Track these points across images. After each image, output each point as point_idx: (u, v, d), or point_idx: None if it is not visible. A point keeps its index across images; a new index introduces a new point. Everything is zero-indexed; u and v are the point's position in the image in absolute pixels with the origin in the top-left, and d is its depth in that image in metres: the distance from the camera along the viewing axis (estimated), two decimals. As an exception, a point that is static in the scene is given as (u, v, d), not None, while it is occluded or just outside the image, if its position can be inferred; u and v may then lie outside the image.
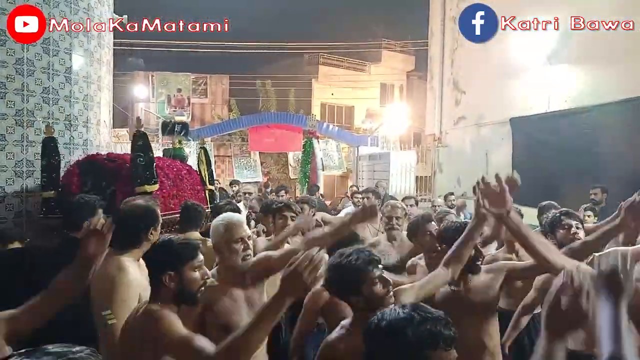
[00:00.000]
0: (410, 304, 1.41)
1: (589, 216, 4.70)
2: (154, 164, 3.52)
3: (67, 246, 2.42)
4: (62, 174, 3.71)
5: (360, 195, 7.08)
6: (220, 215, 2.54)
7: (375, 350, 1.36)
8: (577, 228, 2.71)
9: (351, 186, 10.61)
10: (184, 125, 4.25)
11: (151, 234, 2.43)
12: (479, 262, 2.40)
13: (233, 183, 8.91)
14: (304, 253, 1.56)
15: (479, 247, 2.40)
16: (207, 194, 4.49)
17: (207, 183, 4.52)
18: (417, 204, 6.06)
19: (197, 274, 1.89)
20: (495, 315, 2.45)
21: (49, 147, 3.59)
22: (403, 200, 5.74)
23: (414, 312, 1.33)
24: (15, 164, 3.72)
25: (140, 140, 3.47)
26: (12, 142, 3.70)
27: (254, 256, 2.48)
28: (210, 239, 2.55)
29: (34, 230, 3.53)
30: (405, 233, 3.84)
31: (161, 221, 2.54)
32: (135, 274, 2.28)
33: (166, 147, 4.42)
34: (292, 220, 3.32)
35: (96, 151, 4.38)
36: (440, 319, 1.33)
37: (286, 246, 3.51)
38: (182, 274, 1.85)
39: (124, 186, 3.46)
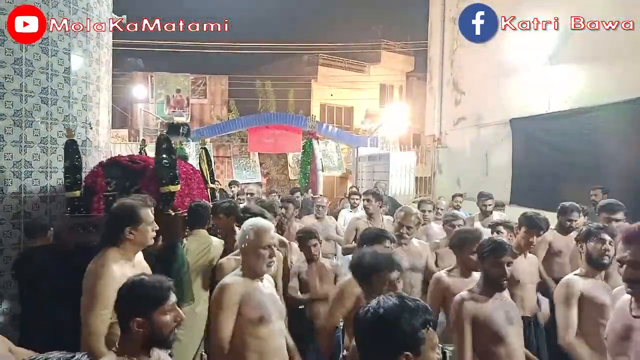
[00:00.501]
0: (396, 295, 1.52)
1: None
2: (177, 166, 3.66)
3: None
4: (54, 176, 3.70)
5: (357, 196, 7.05)
6: (250, 220, 2.65)
7: (371, 337, 1.45)
8: (610, 244, 2.78)
9: (351, 187, 10.59)
10: (188, 127, 4.38)
11: (131, 233, 2.44)
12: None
13: (232, 184, 8.89)
14: None
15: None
16: (209, 192, 4.60)
17: (209, 182, 4.64)
18: (434, 208, 5.85)
19: (168, 318, 1.78)
20: None
21: (72, 149, 3.64)
22: (419, 204, 5.71)
23: (404, 300, 1.47)
24: (14, 164, 3.69)
25: (165, 144, 3.59)
26: (10, 143, 3.67)
27: None
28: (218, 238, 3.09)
29: (58, 228, 3.63)
30: (414, 239, 3.86)
31: (146, 221, 2.50)
32: (118, 271, 2.31)
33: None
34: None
35: (95, 152, 4.36)
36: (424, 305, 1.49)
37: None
38: (152, 319, 1.74)
39: (147, 186, 3.57)
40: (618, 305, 2.09)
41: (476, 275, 2.87)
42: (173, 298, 1.81)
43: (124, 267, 2.39)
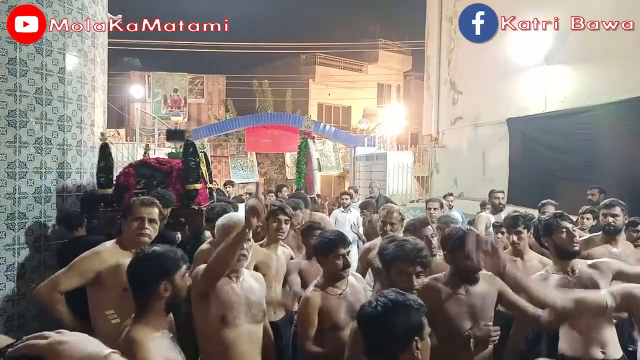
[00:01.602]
0: (394, 291, 1.67)
1: (587, 219, 4.66)
2: (199, 167, 4.31)
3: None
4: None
5: (347, 196, 7.00)
6: (224, 216, 2.69)
7: (384, 327, 1.58)
8: (574, 230, 2.73)
9: (348, 188, 10.58)
10: (182, 132, 4.90)
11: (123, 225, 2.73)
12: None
13: (227, 184, 8.87)
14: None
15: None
16: (208, 192, 4.91)
17: (208, 182, 4.92)
18: (442, 207, 5.76)
19: (184, 282, 1.91)
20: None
21: (105, 152, 4.09)
22: (427, 202, 5.70)
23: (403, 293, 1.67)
24: (8, 165, 3.65)
25: (191, 148, 4.24)
26: (4, 144, 3.64)
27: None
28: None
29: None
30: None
31: (132, 214, 2.69)
32: (108, 256, 2.57)
33: (171, 152, 5.05)
34: (286, 223, 3.29)
35: (90, 152, 4.34)
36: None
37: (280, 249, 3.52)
38: (173, 282, 1.86)
39: (174, 184, 4.23)
40: None
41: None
42: (185, 265, 1.94)
43: (114, 259, 2.57)
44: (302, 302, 2.63)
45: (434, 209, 5.44)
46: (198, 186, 4.23)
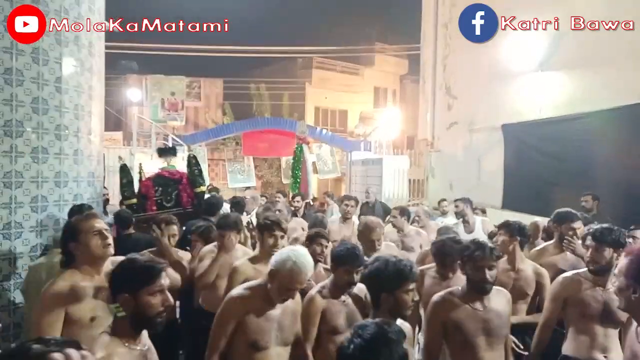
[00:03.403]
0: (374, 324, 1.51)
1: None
2: (202, 173, 5.70)
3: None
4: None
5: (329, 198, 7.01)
6: (295, 253, 2.40)
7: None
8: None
9: (345, 195, 10.59)
10: (174, 149, 6.39)
11: (76, 248, 2.40)
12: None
13: (212, 190, 8.83)
14: None
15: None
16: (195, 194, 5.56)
17: (197, 184, 5.52)
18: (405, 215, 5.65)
19: (154, 300, 1.79)
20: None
21: (125, 170, 5.38)
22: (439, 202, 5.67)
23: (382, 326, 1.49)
24: (4, 174, 3.66)
25: (194, 160, 5.57)
26: (0, 153, 3.65)
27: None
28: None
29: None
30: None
31: (86, 231, 2.42)
32: (65, 294, 2.27)
33: (163, 166, 5.94)
34: (282, 239, 3.29)
35: (87, 161, 4.35)
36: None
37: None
38: (137, 298, 1.76)
39: (185, 189, 5.35)
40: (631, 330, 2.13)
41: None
42: (164, 281, 1.81)
43: (79, 287, 2.32)
44: (307, 302, 2.66)
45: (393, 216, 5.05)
46: (203, 188, 5.48)
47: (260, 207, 6.45)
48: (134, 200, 5.16)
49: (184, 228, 4.40)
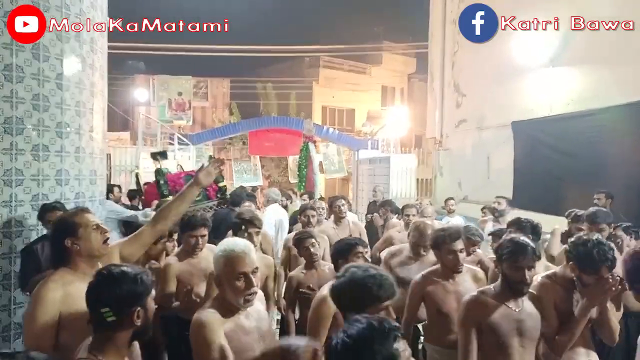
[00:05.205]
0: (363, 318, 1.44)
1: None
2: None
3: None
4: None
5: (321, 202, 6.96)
6: (219, 246, 2.17)
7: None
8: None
9: (334, 196, 10.51)
10: (165, 153, 7.19)
11: (73, 244, 2.20)
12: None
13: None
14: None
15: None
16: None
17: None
18: (418, 212, 5.44)
19: (154, 304, 1.75)
20: None
21: (160, 172, 6.23)
22: (403, 208, 5.56)
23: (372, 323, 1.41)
24: (4, 172, 3.61)
25: (209, 159, 5.45)
26: (0, 151, 3.60)
27: None
28: None
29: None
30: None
31: (85, 225, 2.24)
32: (58, 296, 2.07)
33: (157, 168, 6.45)
34: (257, 235, 3.26)
35: (89, 159, 4.29)
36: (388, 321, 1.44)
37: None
38: (145, 307, 1.68)
39: (210, 184, 5.29)
40: None
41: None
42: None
43: (74, 288, 2.09)
44: (318, 302, 2.54)
45: (412, 215, 5.18)
46: (224, 183, 6.24)
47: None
48: (171, 197, 5.34)
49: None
